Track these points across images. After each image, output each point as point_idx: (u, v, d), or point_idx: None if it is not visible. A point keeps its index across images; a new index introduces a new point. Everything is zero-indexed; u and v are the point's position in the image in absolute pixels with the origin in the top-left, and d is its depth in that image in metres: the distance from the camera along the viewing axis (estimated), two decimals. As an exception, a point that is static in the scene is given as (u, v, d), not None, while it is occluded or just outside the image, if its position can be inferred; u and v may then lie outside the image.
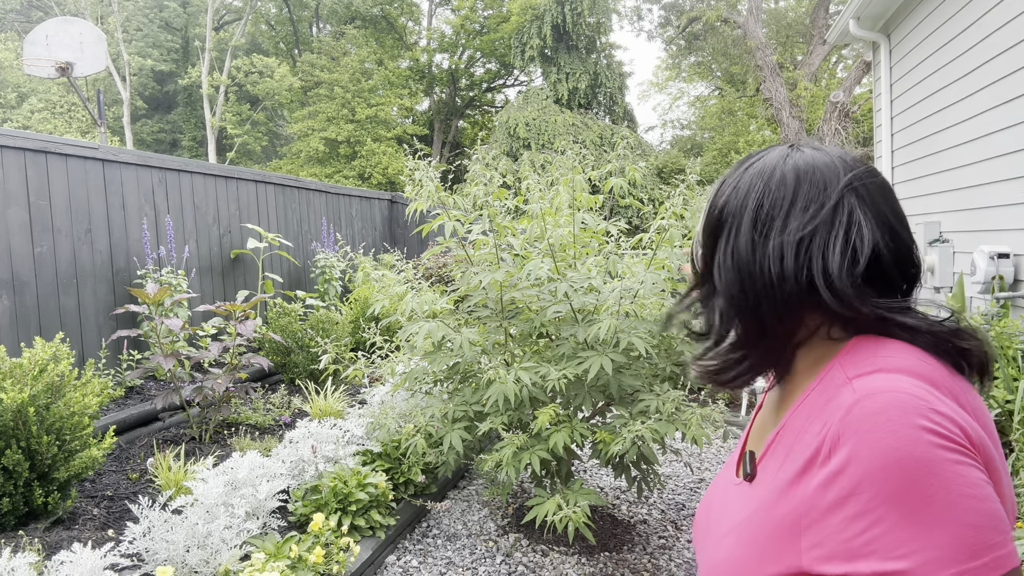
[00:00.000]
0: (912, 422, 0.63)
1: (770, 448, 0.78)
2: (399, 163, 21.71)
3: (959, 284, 4.12)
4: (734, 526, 0.77)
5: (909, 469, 0.61)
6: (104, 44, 8.31)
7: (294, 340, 5.10)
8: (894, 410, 0.64)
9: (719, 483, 0.93)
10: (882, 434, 0.63)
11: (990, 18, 4.06)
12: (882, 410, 0.64)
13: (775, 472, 0.74)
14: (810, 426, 0.71)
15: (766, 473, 0.76)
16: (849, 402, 0.66)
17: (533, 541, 3.02)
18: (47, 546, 2.47)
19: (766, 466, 0.77)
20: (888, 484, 0.61)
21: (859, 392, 0.67)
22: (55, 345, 2.76)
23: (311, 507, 2.80)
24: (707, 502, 0.93)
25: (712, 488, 0.95)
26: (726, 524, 0.80)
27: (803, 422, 0.73)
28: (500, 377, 2.60)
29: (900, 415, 0.64)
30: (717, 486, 0.93)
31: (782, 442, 0.76)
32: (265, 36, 27.66)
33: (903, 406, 0.64)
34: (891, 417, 0.64)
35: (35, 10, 26.14)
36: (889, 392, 0.65)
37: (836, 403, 0.68)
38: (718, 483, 0.93)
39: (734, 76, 21.20)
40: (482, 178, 2.91)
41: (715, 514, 0.87)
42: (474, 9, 23.87)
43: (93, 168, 4.54)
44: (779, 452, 0.75)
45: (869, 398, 0.65)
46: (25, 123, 22.99)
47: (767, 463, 0.77)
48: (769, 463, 0.76)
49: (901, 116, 5.80)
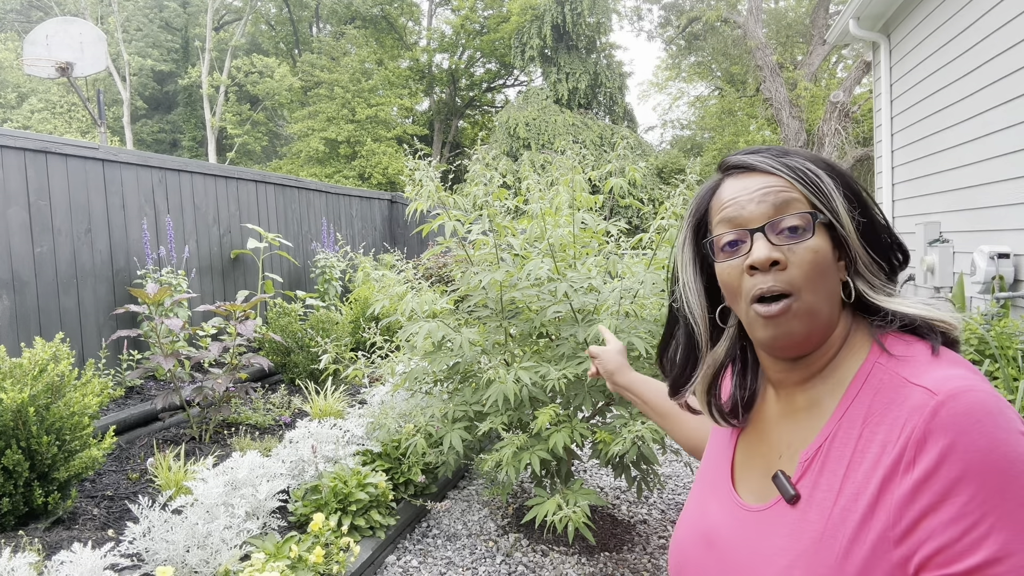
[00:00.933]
0: (1001, 422, 0.63)
1: (812, 463, 0.73)
2: (399, 163, 21.71)
3: (959, 284, 4.12)
4: (798, 556, 0.69)
5: (1004, 469, 0.61)
6: (104, 44, 8.31)
7: (294, 340, 5.10)
8: (981, 410, 0.63)
9: (713, 511, 0.85)
10: (974, 435, 0.62)
11: (990, 18, 4.06)
12: (969, 411, 0.63)
13: (836, 488, 0.69)
14: (874, 434, 0.68)
15: (819, 491, 0.71)
16: (932, 404, 0.65)
17: (533, 541, 3.02)
18: (47, 546, 2.47)
19: (816, 483, 0.72)
20: (986, 485, 0.60)
21: (939, 393, 0.65)
22: (55, 345, 2.76)
23: (311, 507, 2.80)
24: (704, 535, 0.85)
25: (701, 518, 0.87)
26: (779, 557, 0.71)
27: (858, 429, 0.70)
28: (500, 377, 2.60)
29: (987, 415, 0.63)
30: (711, 514, 0.85)
31: (833, 455, 0.71)
32: (265, 36, 27.66)
33: (988, 406, 0.64)
34: (980, 418, 0.63)
35: (35, 10, 26.14)
36: (971, 392, 0.65)
37: (909, 406, 0.67)
38: (710, 511, 0.86)
39: (734, 76, 21.20)
40: (482, 178, 2.91)
41: (736, 546, 0.78)
42: (474, 9, 23.87)
43: (93, 168, 4.54)
44: (832, 466, 0.71)
45: (953, 399, 0.64)
46: (25, 123, 22.99)
47: (816, 480, 0.72)
48: (820, 480, 0.71)
49: (901, 116, 5.80)
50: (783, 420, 0.82)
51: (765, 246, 0.74)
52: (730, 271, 0.78)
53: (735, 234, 0.77)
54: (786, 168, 0.77)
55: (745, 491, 0.83)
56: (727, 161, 0.84)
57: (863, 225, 0.76)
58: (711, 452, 0.95)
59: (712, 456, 0.94)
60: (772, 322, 0.74)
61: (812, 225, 0.74)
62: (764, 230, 0.75)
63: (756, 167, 0.79)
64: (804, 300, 0.73)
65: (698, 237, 0.86)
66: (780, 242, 0.74)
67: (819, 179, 0.76)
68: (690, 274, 0.87)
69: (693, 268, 0.87)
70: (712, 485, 0.89)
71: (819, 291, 0.74)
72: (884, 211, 6.34)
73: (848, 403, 0.73)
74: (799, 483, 0.73)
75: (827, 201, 0.75)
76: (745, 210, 0.77)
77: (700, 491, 0.92)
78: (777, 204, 0.76)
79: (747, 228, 0.76)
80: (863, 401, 0.71)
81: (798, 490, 0.73)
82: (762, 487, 0.80)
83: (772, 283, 0.73)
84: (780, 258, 0.74)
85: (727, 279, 0.79)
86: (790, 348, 0.76)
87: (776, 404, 0.84)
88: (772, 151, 0.80)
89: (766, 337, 0.76)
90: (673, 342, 0.93)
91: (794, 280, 0.73)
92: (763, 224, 0.75)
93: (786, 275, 0.73)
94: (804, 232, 0.74)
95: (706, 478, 0.92)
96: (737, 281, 0.77)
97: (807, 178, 0.76)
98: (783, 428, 0.81)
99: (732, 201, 0.79)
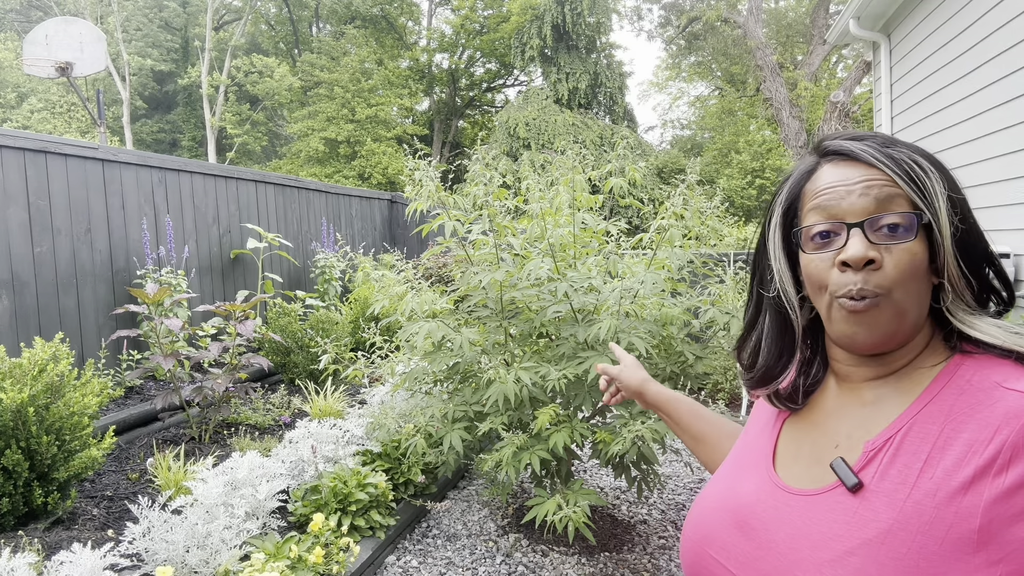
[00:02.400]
0: None
1: (880, 454, 0.71)
2: (399, 163, 21.71)
3: (959, 284, 4.12)
4: (860, 544, 0.66)
5: None
6: (104, 44, 8.30)
7: (294, 340, 5.10)
8: None
9: (747, 490, 0.82)
10: None
11: (990, 18, 4.06)
12: None
13: (910, 481, 0.67)
14: (957, 432, 0.67)
15: (887, 482, 0.68)
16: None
17: (533, 541, 3.02)
18: (47, 546, 2.47)
19: (885, 474, 0.69)
20: None
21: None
22: (55, 345, 2.76)
23: (311, 507, 2.80)
24: (733, 512, 0.81)
25: (730, 495, 0.83)
26: (835, 543, 0.68)
27: (939, 427, 0.68)
28: (500, 377, 2.60)
29: None
30: (745, 493, 0.82)
31: (907, 448, 0.69)
32: (265, 36, 27.66)
33: None
34: None
35: (35, 10, 26.14)
36: None
37: (1002, 408, 0.65)
38: (743, 490, 0.82)
39: (734, 76, 21.21)
40: (482, 178, 2.91)
41: (774, 527, 0.75)
42: (474, 9, 23.87)
43: (93, 168, 4.54)
44: (906, 459, 0.68)
45: None
46: (25, 123, 22.99)
47: (884, 471, 0.69)
48: (890, 471, 0.69)
49: (901, 116, 5.80)
50: (843, 411, 0.79)
51: (862, 243, 0.70)
52: (818, 263, 0.74)
53: (829, 225, 0.73)
54: (892, 161, 0.72)
55: (787, 474, 0.80)
56: (827, 145, 0.78)
57: (961, 232, 0.72)
58: (748, 436, 0.92)
59: (750, 440, 0.90)
60: (856, 317, 0.71)
61: (915, 226, 0.70)
62: (863, 226, 0.71)
63: (859, 156, 0.74)
64: (894, 299, 0.70)
65: (787, 222, 0.81)
66: (878, 240, 0.70)
67: (926, 177, 0.71)
68: (782, 260, 0.81)
69: (784, 253, 0.81)
70: (749, 466, 0.86)
71: (911, 293, 0.71)
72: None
73: (927, 400, 0.71)
74: (862, 472, 0.71)
75: (930, 202, 0.71)
76: (845, 201, 0.72)
77: (731, 471, 0.88)
78: (880, 199, 0.71)
79: (844, 221, 0.72)
80: (945, 400, 0.70)
81: (860, 478, 0.70)
82: (810, 473, 0.77)
83: (863, 285, 0.70)
84: (876, 257, 0.70)
85: (813, 271, 0.75)
86: (870, 346, 0.73)
87: (837, 396, 0.81)
88: (877, 139, 0.75)
89: (847, 332, 0.73)
90: (755, 333, 0.87)
91: (886, 283, 0.70)
92: (863, 219, 0.71)
93: (879, 276, 0.70)
94: (905, 233, 0.70)
95: (740, 459, 0.89)
96: (825, 275, 0.73)
97: (914, 174, 0.71)
98: (842, 419, 0.78)
99: (830, 189, 0.74)
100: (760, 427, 0.90)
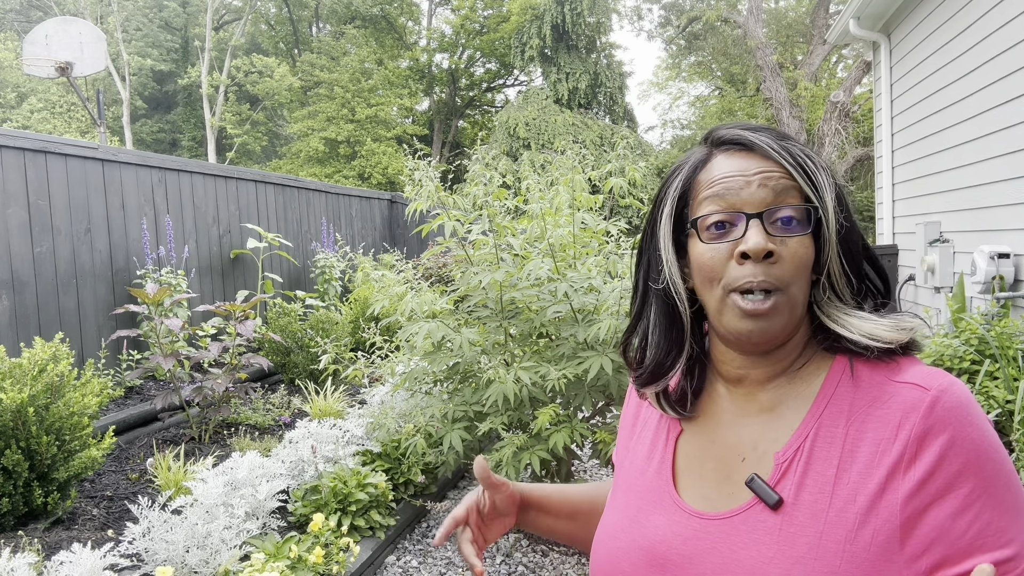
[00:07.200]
0: (979, 413, 0.63)
1: (792, 464, 0.69)
2: (399, 163, 21.71)
3: (959, 284, 4.12)
4: (794, 562, 0.64)
5: (993, 459, 0.62)
6: (104, 44, 8.31)
7: (294, 340, 5.10)
8: (969, 403, 0.64)
9: (656, 524, 0.76)
10: (968, 428, 0.63)
11: (990, 18, 4.06)
12: (961, 403, 0.63)
13: (828, 490, 0.66)
14: (862, 432, 0.66)
15: (805, 493, 0.67)
16: (927, 400, 0.64)
17: (533, 541, 3.02)
18: (47, 546, 2.47)
19: (801, 485, 0.67)
20: (982, 476, 0.61)
21: (931, 388, 0.65)
22: (55, 345, 2.76)
23: (311, 507, 2.80)
24: (647, 551, 0.75)
25: (639, 533, 0.77)
26: (768, 566, 0.66)
27: (843, 428, 0.68)
28: (500, 377, 2.60)
29: (974, 407, 0.63)
30: (654, 528, 0.76)
31: (818, 455, 0.68)
32: (265, 36, 27.65)
33: (969, 398, 0.64)
34: (970, 410, 0.63)
35: (35, 10, 26.14)
36: (955, 385, 0.65)
37: (899, 402, 0.66)
38: (651, 524, 0.76)
39: (734, 76, 21.20)
40: (482, 178, 2.91)
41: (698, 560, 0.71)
42: (474, 9, 23.86)
43: (93, 168, 4.54)
44: (819, 467, 0.67)
45: (945, 394, 0.64)
46: (25, 123, 22.99)
47: (800, 482, 0.68)
48: (806, 481, 0.67)
49: (901, 116, 5.80)
50: (741, 420, 0.75)
51: (762, 235, 0.68)
52: (714, 254, 0.71)
53: (727, 215, 0.71)
54: (788, 154, 0.71)
55: (695, 498, 0.75)
56: (722, 135, 0.76)
57: (844, 230, 0.71)
58: (635, 458, 0.85)
59: (639, 462, 0.84)
60: (753, 318, 0.69)
61: (810, 219, 0.70)
62: (762, 217, 0.69)
63: (756, 147, 0.72)
64: (790, 293, 0.69)
65: (678, 211, 0.78)
66: (774, 232, 0.69)
67: (818, 172, 0.71)
68: (671, 250, 0.77)
69: (672, 244, 0.78)
70: (647, 493, 0.80)
71: (801, 288, 0.70)
72: (885, 211, 6.31)
73: (825, 401, 0.70)
74: (778, 486, 0.69)
75: (821, 196, 0.71)
76: (744, 192, 0.70)
77: (628, 499, 0.82)
78: (777, 191, 0.70)
79: (743, 212, 0.70)
80: (842, 399, 0.69)
81: (779, 493, 0.68)
82: (720, 492, 0.74)
83: (763, 277, 0.68)
84: (775, 249, 0.68)
85: (707, 262, 0.72)
86: (764, 343, 0.72)
87: (731, 403, 0.77)
88: (772, 132, 0.73)
89: (742, 330, 0.70)
90: (641, 326, 0.83)
91: (784, 276, 0.69)
92: (761, 211, 0.69)
93: (777, 269, 0.68)
94: (799, 226, 0.70)
95: (634, 485, 0.82)
96: (720, 266, 0.71)
97: (808, 169, 0.71)
98: (742, 429, 0.75)
99: (727, 179, 0.72)
100: (648, 448, 0.84)
